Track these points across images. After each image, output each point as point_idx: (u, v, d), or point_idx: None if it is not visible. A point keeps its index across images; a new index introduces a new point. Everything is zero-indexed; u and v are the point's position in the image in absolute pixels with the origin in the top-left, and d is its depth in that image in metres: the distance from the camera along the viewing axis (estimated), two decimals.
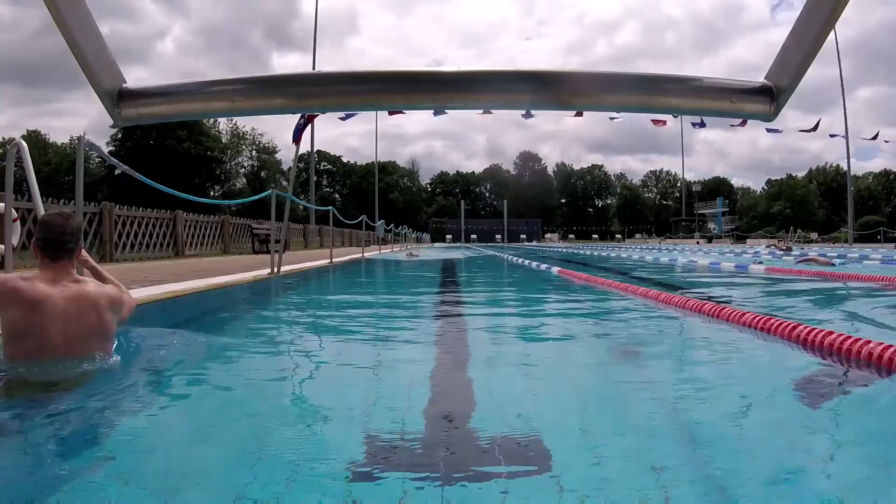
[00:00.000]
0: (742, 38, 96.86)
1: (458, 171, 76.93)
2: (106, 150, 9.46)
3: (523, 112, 8.77)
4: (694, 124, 9.99)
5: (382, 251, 19.17)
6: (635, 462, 1.32)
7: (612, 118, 9.46)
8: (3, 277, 2.06)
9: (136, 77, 0.77)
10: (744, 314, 3.03)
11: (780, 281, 6.77)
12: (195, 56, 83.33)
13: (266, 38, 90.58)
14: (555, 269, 8.29)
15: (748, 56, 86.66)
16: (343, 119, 8.19)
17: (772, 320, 2.75)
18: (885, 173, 59.69)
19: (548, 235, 60.74)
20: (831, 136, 11.54)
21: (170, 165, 47.22)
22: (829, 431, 1.61)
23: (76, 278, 2.05)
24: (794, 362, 2.41)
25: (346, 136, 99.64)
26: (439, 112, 8.58)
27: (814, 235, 41.70)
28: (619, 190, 74.79)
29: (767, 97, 0.76)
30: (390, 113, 7.82)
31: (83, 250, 2.21)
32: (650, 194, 76.02)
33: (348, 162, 70.72)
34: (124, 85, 0.77)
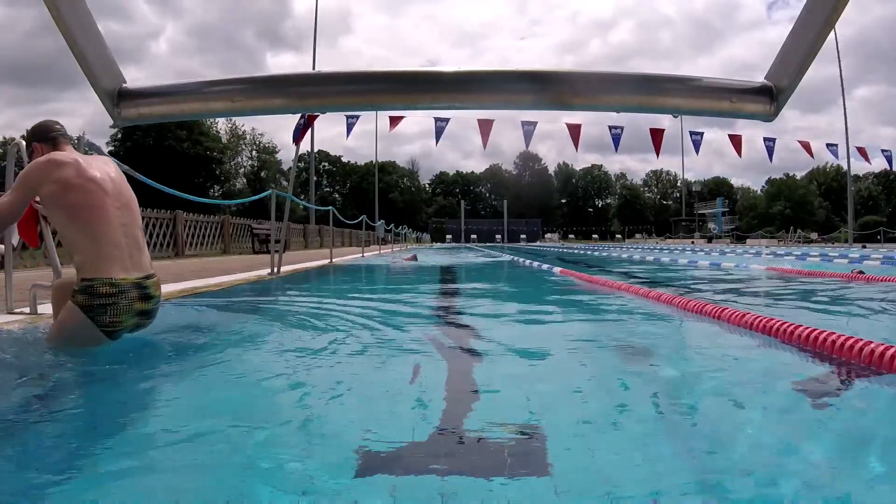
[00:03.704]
0: (738, 37, 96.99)
1: (457, 172, 77.02)
2: (106, 150, 9.47)
3: (523, 122, 8.71)
4: (692, 134, 9.92)
5: (383, 251, 19.15)
6: (638, 463, 1.32)
7: (611, 127, 9.35)
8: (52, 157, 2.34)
9: (130, 77, 0.77)
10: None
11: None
12: (189, 56, 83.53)
13: (259, 38, 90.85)
14: (556, 269, 8.29)
15: (745, 55, 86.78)
16: (348, 133, 8.12)
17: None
18: (885, 174, 59.71)
19: (548, 235, 60.75)
20: (828, 145, 11.49)
21: (170, 165, 47.24)
22: (833, 432, 1.61)
23: None
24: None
25: (346, 136, 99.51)
26: (440, 130, 8.53)
27: (814, 235, 41.67)
28: (618, 190, 74.79)
29: (767, 97, 0.76)
30: (391, 126, 7.74)
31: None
32: (650, 194, 76.01)
33: (348, 162, 70.80)
34: (124, 85, 0.77)
